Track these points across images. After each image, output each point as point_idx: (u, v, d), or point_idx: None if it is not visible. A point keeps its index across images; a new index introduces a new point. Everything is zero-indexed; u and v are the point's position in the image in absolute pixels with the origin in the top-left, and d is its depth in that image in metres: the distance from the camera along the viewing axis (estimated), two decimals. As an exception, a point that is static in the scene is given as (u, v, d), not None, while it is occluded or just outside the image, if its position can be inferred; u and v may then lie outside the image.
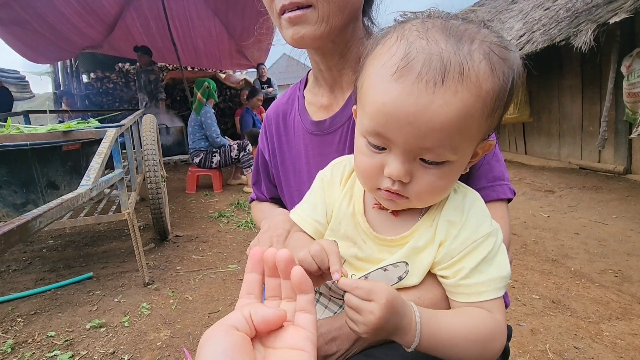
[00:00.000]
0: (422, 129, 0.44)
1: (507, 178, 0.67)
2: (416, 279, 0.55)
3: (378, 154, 0.50)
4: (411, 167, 0.48)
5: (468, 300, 0.51)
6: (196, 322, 1.91)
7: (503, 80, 0.46)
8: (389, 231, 0.57)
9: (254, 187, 1.00)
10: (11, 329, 1.86)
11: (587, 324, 1.80)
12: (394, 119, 0.45)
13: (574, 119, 5.13)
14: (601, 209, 3.44)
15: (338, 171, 0.65)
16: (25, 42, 5.81)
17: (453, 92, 0.43)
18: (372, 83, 0.49)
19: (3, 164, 2.06)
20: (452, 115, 0.44)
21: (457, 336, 0.49)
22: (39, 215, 0.87)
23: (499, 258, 0.52)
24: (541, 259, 2.56)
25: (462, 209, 0.54)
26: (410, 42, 0.46)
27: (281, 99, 0.90)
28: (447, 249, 0.52)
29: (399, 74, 0.45)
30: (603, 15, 3.79)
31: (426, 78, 0.43)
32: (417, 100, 0.44)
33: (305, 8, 0.61)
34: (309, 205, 0.65)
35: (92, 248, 2.93)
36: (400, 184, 0.49)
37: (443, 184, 0.50)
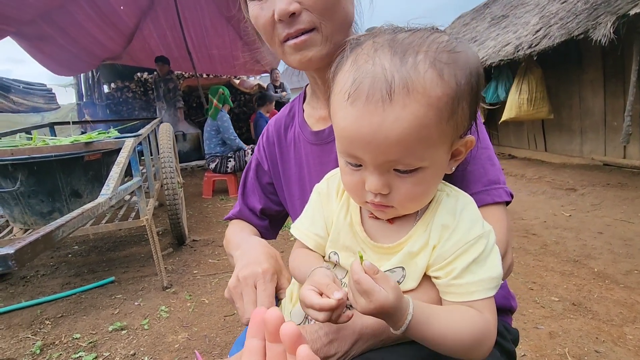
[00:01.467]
0: (381, 146, 0.47)
1: (503, 181, 0.67)
2: (413, 282, 0.56)
3: (357, 171, 0.53)
4: (387, 179, 0.51)
5: (459, 299, 0.53)
6: (212, 325, 1.95)
7: (456, 82, 0.47)
8: (386, 239, 0.58)
9: (241, 198, 0.95)
10: (40, 331, 1.95)
11: (609, 327, 1.74)
12: (356, 140, 0.48)
13: (596, 114, 4.96)
14: (626, 207, 3.32)
15: (334, 184, 0.66)
16: (49, 55, 6.08)
17: (402, 107, 0.45)
18: (333, 109, 0.52)
19: (31, 175, 2.18)
20: (405, 128, 0.46)
21: (447, 333, 0.50)
22: (61, 225, 0.92)
23: (490, 259, 0.53)
24: (562, 259, 2.49)
25: (454, 212, 0.55)
26: (359, 67, 0.49)
27: (282, 112, 0.92)
28: (439, 251, 0.54)
29: (351, 99, 0.48)
30: (623, 7, 3.66)
31: (374, 99, 0.46)
32: (371, 120, 0.46)
33: (309, 32, 0.63)
34: (308, 219, 0.67)
35: (114, 253, 3.04)
36: (381, 196, 0.52)
37: (422, 190, 0.52)
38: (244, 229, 0.92)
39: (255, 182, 0.94)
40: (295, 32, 0.63)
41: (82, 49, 6.25)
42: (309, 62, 0.66)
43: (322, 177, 0.71)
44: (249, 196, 0.95)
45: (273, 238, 1.00)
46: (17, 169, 2.14)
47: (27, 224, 2.32)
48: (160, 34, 6.99)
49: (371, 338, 0.56)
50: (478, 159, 0.66)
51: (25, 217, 2.29)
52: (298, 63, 0.67)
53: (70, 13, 5.29)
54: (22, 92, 9.07)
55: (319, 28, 0.63)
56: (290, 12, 0.61)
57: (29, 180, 2.18)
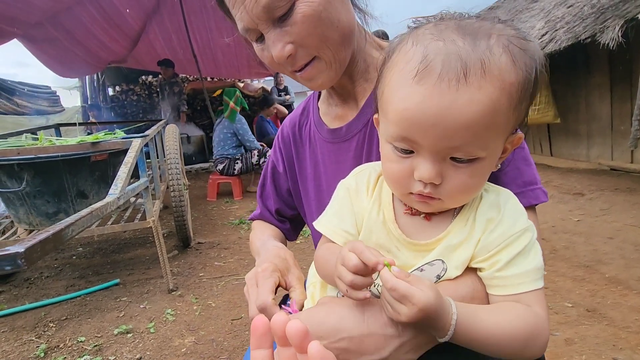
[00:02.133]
0: (448, 130, 0.44)
1: (539, 181, 0.65)
2: (456, 272, 0.54)
3: (406, 158, 0.50)
4: (441, 167, 0.48)
5: (505, 292, 0.50)
6: (219, 329, 1.92)
7: (526, 71, 0.46)
8: (422, 236, 0.56)
9: (260, 199, 0.96)
10: (44, 333, 1.92)
11: (626, 334, 1.70)
12: (418, 122, 0.45)
13: (603, 119, 4.92)
14: (636, 212, 3.27)
15: (363, 179, 0.63)
16: (56, 58, 6.12)
17: (477, 88, 0.43)
18: (392, 90, 0.49)
19: (37, 175, 2.16)
20: (478, 112, 0.43)
21: (496, 333, 0.47)
22: (71, 223, 0.89)
23: (534, 252, 0.52)
24: (573, 264, 2.44)
25: (498, 205, 0.53)
26: (426, 45, 0.46)
27: (296, 112, 0.91)
28: (484, 243, 0.52)
29: (419, 77, 0.45)
30: (631, 10, 3.64)
31: (448, 77, 0.43)
32: (441, 100, 0.43)
33: (312, 61, 0.64)
34: (335, 216, 0.63)
35: (119, 255, 3.01)
36: (432, 186, 0.49)
37: (475, 182, 0.50)
38: (265, 231, 0.91)
39: (271, 185, 0.94)
40: (299, 67, 0.65)
41: (88, 51, 6.28)
42: (321, 86, 0.68)
43: (338, 176, 0.69)
44: (266, 198, 0.95)
45: (294, 239, 0.98)
46: (23, 169, 2.12)
47: (32, 224, 2.30)
48: (166, 37, 7.02)
49: None
50: (512, 159, 0.64)
51: (31, 218, 2.27)
52: (312, 89, 0.70)
53: (76, 16, 5.32)
54: (27, 94, 9.12)
55: (319, 56, 0.64)
56: (287, 56, 0.62)
57: (34, 181, 2.16)
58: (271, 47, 0.63)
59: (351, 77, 0.75)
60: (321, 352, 0.33)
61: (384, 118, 0.51)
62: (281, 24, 0.61)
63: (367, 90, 0.75)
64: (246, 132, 4.63)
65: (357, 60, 0.73)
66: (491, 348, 0.48)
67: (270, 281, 0.64)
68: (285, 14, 0.59)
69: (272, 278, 0.65)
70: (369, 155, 0.73)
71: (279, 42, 0.61)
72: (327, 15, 0.60)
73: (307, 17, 0.59)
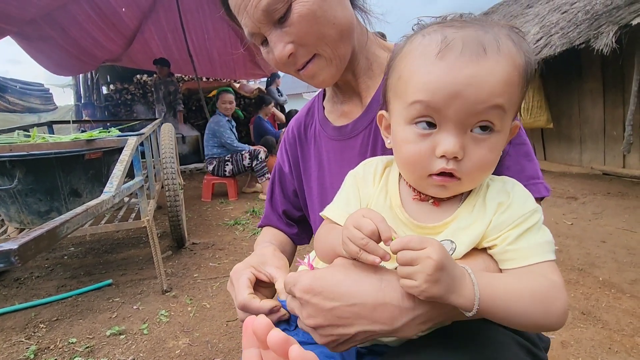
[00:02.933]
0: (472, 97, 0.47)
1: (541, 176, 0.66)
2: (464, 248, 0.55)
3: (427, 136, 0.51)
4: (463, 141, 0.50)
5: (517, 265, 0.51)
6: (214, 330, 1.89)
7: (526, 57, 0.51)
8: (429, 219, 0.57)
9: (268, 203, 0.97)
10: (34, 335, 1.88)
11: (621, 336, 1.71)
12: (445, 91, 0.48)
13: (596, 123, 4.99)
14: (628, 216, 3.31)
15: (370, 169, 0.65)
16: (49, 56, 6.04)
17: (495, 62, 0.48)
18: (413, 70, 0.51)
19: (29, 173, 2.12)
20: (499, 81, 0.47)
21: (515, 294, 0.47)
22: (66, 220, 0.87)
23: (543, 229, 0.54)
24: (566, 268, 2.46)
25: (506, 190, 0.56)
26: (441, 32, 0.50)
27: (301, 112, 0.92)
28: (495, 223, 0.53)
29: (442, 54, 0.48)
30: (625, 17, 3.70)
31: (469, 52, 0.47)
32: (465, 71, 0.47)
33: (312, 58, 0.66)
34: (342, 201, 0.65)
35: (112, 255, 2.97)
36: (454, 162, 0.50)
37: (492, 158, 0.52)
38: (265, 237, 0.91)
39: (278, 187, 0.94)
40: (301, 65, 0.67)
41: (82, 49, 6.22)
42: (324, 83, 0.71)
43: (342, 173, 0.69)
44: (274, 201, 0.95)
45: (305, 243, 0.98)
46: (15, 166, 2.08)
47: (23, 223, 2.26)
48: (162, 36, 6.97)
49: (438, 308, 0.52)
50: (514, 155, 0.65)
51: (22, 216, 2.23)
52: (316, 86, 0.72)
53: (71, 14, 5.27)
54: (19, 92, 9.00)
55: (319, 53, 0.66)
56: (287, 55, 0.64)
57: (27, 178, 2.12)
58: (273, 47, 0.65)
59: (354, 74, 0.76)
60: (301, 356, 0.35)
61: (403, 101, 0.53)
62: (281, 26, 0.63)
63: (370, 88, 0.77)
64: (223, 134, 4.54)
65: (358, 58, 0.75)
66: (513, 313, 0.47)
67: (243, 279, 0.66)
68: (283, 16, 0.62)
69: (244, 275, 0.66)
70: (374, 152, 0.74)
71: (280, 43, 0.64)
72: (323, 14, 0.62)
73: (302, 16, 0.62)
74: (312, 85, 0.71)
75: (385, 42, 0.81)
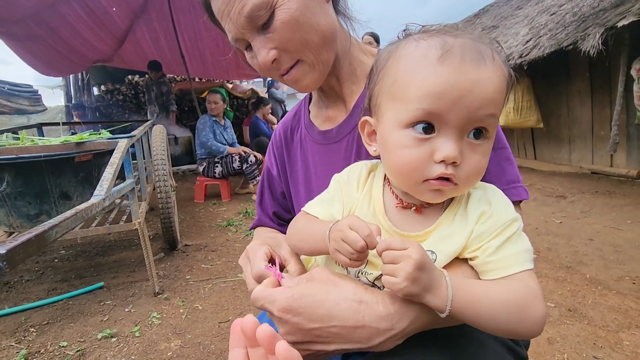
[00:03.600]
0: (475, 102, 0.48)
1: (521, 179, 0.68)
2: (445, 259, 0.56)
3: (425, 141, 0.50)
4: (461, 146, 0.50)
5: (498, 275, 0.52)
6: (206, 332, 1.90)
7: (508, 69, 0.53)
8: (412, 228, 0.58)
9: (259, 206, 0.97)
10: (24, 339, 1.87)
11: (605, 332, 1.75)
12: (448, 96, 0.48)
13: (584, 124, 5.08)
14: (615, 214, 3.38)
15: (354, 174, 0.66)
16: (38, 56, 5.96)
17: (492, 70, 0.49)
18: (413, 73, 0.51)
19: (18, 176, 2.10)
20: (496, 88, 0.49)
21: (489, 299, 0.49)
22: (55, 225, 0.88)
23: (522, 238, 0.55)
24: (555, 265, 2.50)
25: (488, 199, 0.56)
26: (440, 37, 0.51)
27: (288, 116, 0.93)
28: (477, 233, 0.54)
29: (444, 57, 0.48)
30: (611, 19, 3.77)
31: (469, 58, 0.48)
32: (467, 76, 0.48)
33: (295, 64, 0.67)
34: (325, 201, 0.66)
35: (103, 258, 2.95)
36: (453, 167, 0.50)
37: (485, 164, 0.54)
38: (264, 232, 0.92)
39: (267, 189, 0.95)
40: (284, 71, 0.68)
41: (72, 50, 6.15)
42: (307, 88, 0.71)
43: (328, 177, 0.70)
44: (264, 204, 0.96)
45: None
46: (4, 169, 2.06)
47: (12, 226, 2.23)
48: (153, 36, 6.92)
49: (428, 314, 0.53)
50: (495, 158, 0.66)
51: (11, 220, 2.21)
52: (300, 91, 0.72)
53: (61, 13, 5.21)
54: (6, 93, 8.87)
55: (302, 59, 0.67)
56: (271, 61, 0.65)
57: (16, 181, 2.10)
58: (257, 53, 0.66)
59: (338, 79, 0.77)
60: (287, 352, 0.37)
61: (401, 105, 0.52)
62: (264, 32, 0.64)
63: (354, 93, 0.77)
64: (201, 132, 4.54)
65: (342, 63, 0.76)
66: (488, 318, 0.49)
67: (260, 252, 0.67)
68: (267, 22, 0.63)
69: (261, 250, 0.68)
70: (359, 157, 0.74)
71: (263, 49, 0.65)
72: (306, 20, 0.63)
73: (285, 23, 0.62)
74: (296, 89, 0.72)
75: (368, 48, 0.82)
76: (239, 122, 8.02)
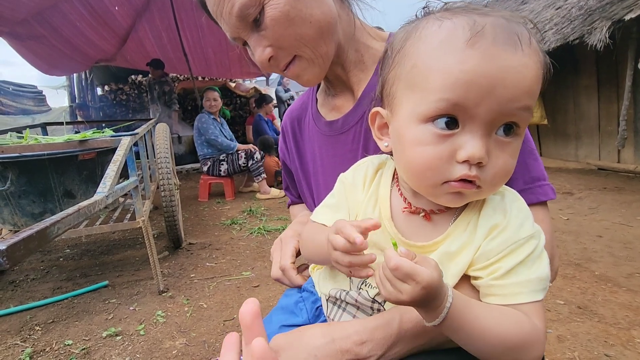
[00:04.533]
0: (508, 93, 0.42)
1: (547, 177, 0.62)
2: (452, 280, 0.51)
3: (447, 137, 0.44)
4: (488, 145, 0.44)
5: (502, 302, 0.47)
6: (211, 330, 1.89)
7: (544, 59, 0.46)
8: (419, 237, 0.53)
9: (286, 191, 1.01)
10: (29, 337, 1.87)
11: (617, 330, 1.72)
12: (478, 85, 0.41)
13: (591, 119, 5.01)
14: (624, 211, 3.33)
15: (360, 173, 0.61)
16: (41, 55, 5.97)
17: (528, 56, 0.43)
18: (436, 57, 0.44)
19: (22, 174, 2.10)
20: (532, 77, 0.43)
21: (488, 327, 0.45)
22: (57, 221, 0.86)
23: (538, 261, 0.47)
24: (563, 262, 2.47)
25: (504, 209, 0.49)
26: (464, 16, 0.44)
27: (295, 105, 0.90)
28: (484, 249, 0.48)
29: (474, 40, 0.41)
30: (618, 12, 3.71)
31: (503, 42, 0.42)
32: (501, 62, 0.41)
33: (293, 60, 0.65)
34: (330, 208, 0.63)
35: (107, 257, 2.95)
36: (477, 168, 0.44)
37: (513, 164, 0.47)
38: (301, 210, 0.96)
39: (289, 178, 0.97)
40: (283, 67, 0.66)
41: (75, 49, 6.15)
42: (309, 83, 0.69)
43: (334, 170, 0.68)
44: (290, 190, 0.99)
45: None
46: (8, 167, 2.05)
47: (17, 225, 2.23)
48: (156, 35, 6.91)
49: (411, 340, 0.51)
50: (520, 153, 0.61)
51: (15, 218, 2.20)
52: (303, 85, 0.70)
53: (63, 13, 5.21)
54: (11, 94, 8.93)
55: (299, 54, 0.64)
56: (267, 59, 0.64)
57: (20, 180, 2.10)
58: (253, 51, 0.65)
59: (344, 68, 0.73)
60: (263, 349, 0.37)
61: (419, 93, 0.45)
62: (257, 29, 0.62)
63: (362, 81, 0.73)
64: (207, 130, 4.52)
65: (346, 50, 0.71)
66: (478, 345, 0.45)
67: (290, 246, 0.73)
68: (257, 19, 0.61)
69: (291, 243, 0.74)
70: (366, 149, 0.71)
71: (259, 47, 0.63)
72: (297, 14, 0.60)
73: (275, 19, 0.60)
74: (299, 84, 0.70)
75: (378, 32, 0.77)
76: (242, 121, 8.02)
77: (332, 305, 0.61)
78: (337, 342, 0.50)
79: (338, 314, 0.60)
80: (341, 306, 0.60)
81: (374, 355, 0.50)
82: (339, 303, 0.60)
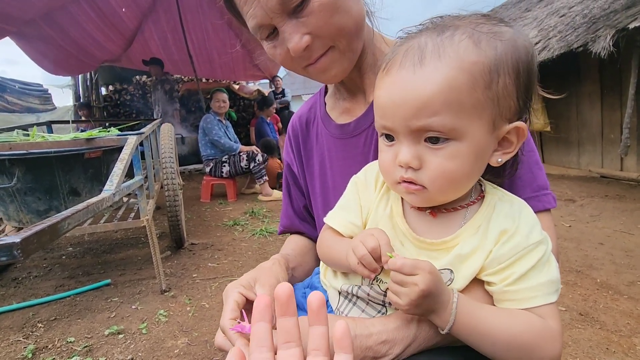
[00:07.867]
0: (412, 108, 0.47)
1: (549, 186, 0.64)
2: (463, 282, 0.53)
3: (391, 146, 0.53)
4: (418, 151, 0.49)
5: (518, 306, 0.49)
6: (213, 330, 1.89)
7: (495, 53, 0.47)
8: (429, 234, 0.56)
9: (287, 205, 0.94)
10: (32, 334, 1.88)
11: (618, 337, 1.72)
12: (388, 106, 0.50)
13: (594, 126, 5.02)
14: (626, 219, 3.33)
15: (372, 174, 0.64)
16: (48, 56, 6.02)
17: (432, 69, 0.46)
18: (377, 83, 0.54)
19: (28, 171, 2.11)
20: (434, 89, 0.46)
21: (497, 331, 0.47)
22: (67, 216, 0.88)
23: (548, 265, 0.50)
24: (565, 269, 2.47)
25: (513, 216, 0.52)
26: (398, 45, 0.52)
27: (303, 108, 0.90)
28: (495, 255, 0.51)
29: (386, 69, 0.51)
30: (622, 21, 3.73)
31: (407, 64, 0.48)
32: (403, 84, 0.48)
33: (327, 51, 0.63)
34: (343, 209, 0.64)
35: (110, 255, 2.96)
36: (412, 171, 0.50)
37: (456, 167, 0.49)
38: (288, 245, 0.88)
39: (293, 185, 0.92)
40: (314, 59, 0.63)
41: (82, 50, 6.21)
42: (335, 78, 0.68)
43: (345, 173, 0.69)
44: (293, 199, 0.92)
45: None
46: (15, 164, 2.07)
47: (22, 222, 2.25)
48: (161, 36, 6.97)
49: (424, 342, 0.53)
50: (526, 162, 0.63)
51: (21, 215, 2.22)
52: (325, 82, 0.69)
53: (71, 14, 5.27)
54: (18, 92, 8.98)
55: (335, 45, 0.63)
56: (304, 47, 0.60)
57: (26, 177, 2.11)
58: (287, 39, 0.61)
59: (360, 70, 0.74)
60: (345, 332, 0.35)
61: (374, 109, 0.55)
62: (296, 15, 0.59)
63: None
64: (211, 131, 4.54)
65: (366, 53, 0.72)
66: (489, 347, 0.47)
67: (230, 301, 0.60)
68: (300, 5, 0.58)
69: (231, 297, 0.61)
70: (378, 152, 0.72)
71: (296, 34, 0.59)
72: (343, 4, 0.60)
73: (324, 5, 0.58)
74: (321, 81, 0.69)
75: (389, 39, 0.78)
76: (245, 123, 8.05)
77: (343, 299, 0.63)
78: (359, 338, 0.52)
79: (348, 307, 0.62)
80: (352, 300, 0.62)
81: (392, 354, 0.52)
82: (350, 297, 0.62)
